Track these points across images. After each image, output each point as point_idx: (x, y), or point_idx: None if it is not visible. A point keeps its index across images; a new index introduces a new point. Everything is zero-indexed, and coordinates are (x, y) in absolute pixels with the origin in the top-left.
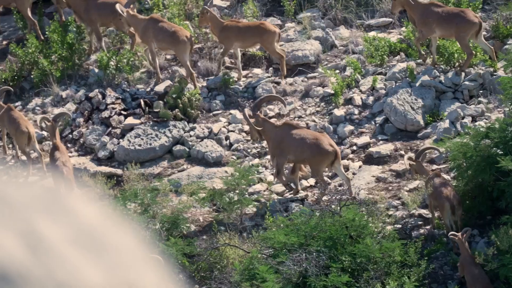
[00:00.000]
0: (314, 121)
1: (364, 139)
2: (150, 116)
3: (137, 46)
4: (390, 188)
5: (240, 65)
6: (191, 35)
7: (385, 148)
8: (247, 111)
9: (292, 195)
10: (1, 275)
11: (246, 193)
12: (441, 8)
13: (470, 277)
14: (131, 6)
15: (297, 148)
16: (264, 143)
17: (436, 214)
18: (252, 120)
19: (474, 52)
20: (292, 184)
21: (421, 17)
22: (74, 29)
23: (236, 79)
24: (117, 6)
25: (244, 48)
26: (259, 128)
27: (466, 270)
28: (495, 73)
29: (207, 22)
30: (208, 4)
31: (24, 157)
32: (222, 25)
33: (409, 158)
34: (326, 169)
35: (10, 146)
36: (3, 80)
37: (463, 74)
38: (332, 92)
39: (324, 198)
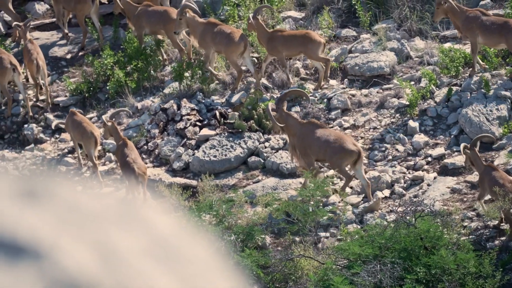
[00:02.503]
0: (389, 132)
1: (439, 150)
2: (225, 127)
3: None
4: (465, 199)
5: (263, 68)
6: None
7: (460, 159)
8: (271, 105)
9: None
10: (73, 286)
11: (321, 204)
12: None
13: None
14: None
15: (321, 147)
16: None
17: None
18: (275, 114)
19: None
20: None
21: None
22: (150, 39)
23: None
24: (184, 2)
25: (289, 57)
26: (282, 125)
27: None
28: None
29: (254, 30)
30: (258, 12)
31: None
32: (269, 34)
33: (465, 147)
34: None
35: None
36: (78, 91)
37: None
38: (407, 103)
39: (399, 209)
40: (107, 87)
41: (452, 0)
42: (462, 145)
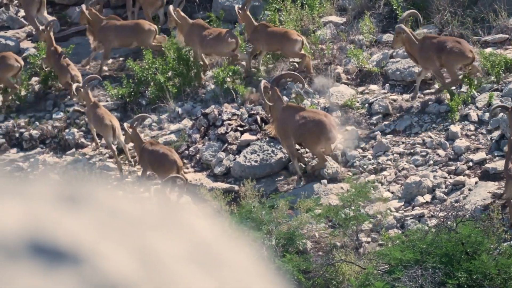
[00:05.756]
0: (430, 137)
1: (480, 155)
2: (266, 132)
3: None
4: (506, 204)
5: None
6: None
7: (501, 164)
8: (264, 83)
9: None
10: None
11: (362, 209)
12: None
13: None
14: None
15: (298, 130)
16: None
17: None
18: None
19: None
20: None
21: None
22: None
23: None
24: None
25: (269, 51)
26: (271, 104)
27: None
28: None
29: (242, 21)
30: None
31: (139, 173)
32: (253, 27)
33: None
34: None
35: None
36: (119, 96)
37: None
38: (448, 108)
39: (441, 214)
40: (148, 92)
41: (409, 31)
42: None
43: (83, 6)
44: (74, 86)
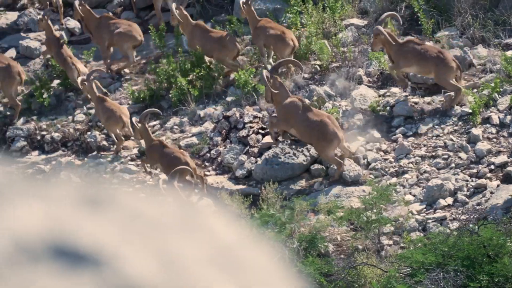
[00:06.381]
0: (452, 139)
1: (501, 158)
2: (288, 135)
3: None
4: None
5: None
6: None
7: None
8: (266, 72)
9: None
10: None
11: (384, 212)
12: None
13: None
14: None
15: (302, 127)
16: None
17: None
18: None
19: None
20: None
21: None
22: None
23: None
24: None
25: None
26: (276, 91)
27: None
28: None
29: (246, 15)
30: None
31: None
32: (256, 23)
33: None
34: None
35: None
36: (141, 99)
37: None
38: (470, 111)
39: (462, 217)
40: (170, 95)
41: (387, 32)
42: None
43: (76, 2)
44: (79, 79)
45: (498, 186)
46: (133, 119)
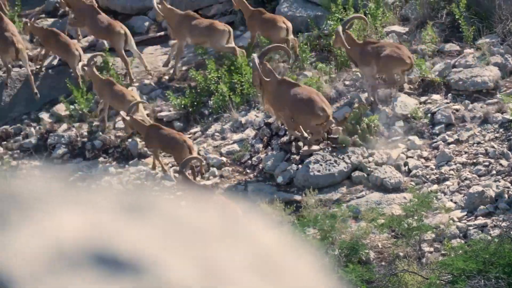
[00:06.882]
0: (493, 146)
1: None
2: (329, 142)
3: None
4: None
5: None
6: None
7: None
8: (256, 57)
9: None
10: None
11: (425, 219)
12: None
13: None
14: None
15: (291, 106)
16: None
17: None
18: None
19: None
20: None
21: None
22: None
23: None
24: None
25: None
26: (268, 79)
27: None
28: None
29: (240, 6)
30: None
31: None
32: (250, 13)
33: None
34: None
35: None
36: (182, 106)
37: None
38: (511, 118)
39: (503, 224)
40: (211, 102)
41: (349, 33)
42: None
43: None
44: (80, 64)
45: None
46: (121, 112)
